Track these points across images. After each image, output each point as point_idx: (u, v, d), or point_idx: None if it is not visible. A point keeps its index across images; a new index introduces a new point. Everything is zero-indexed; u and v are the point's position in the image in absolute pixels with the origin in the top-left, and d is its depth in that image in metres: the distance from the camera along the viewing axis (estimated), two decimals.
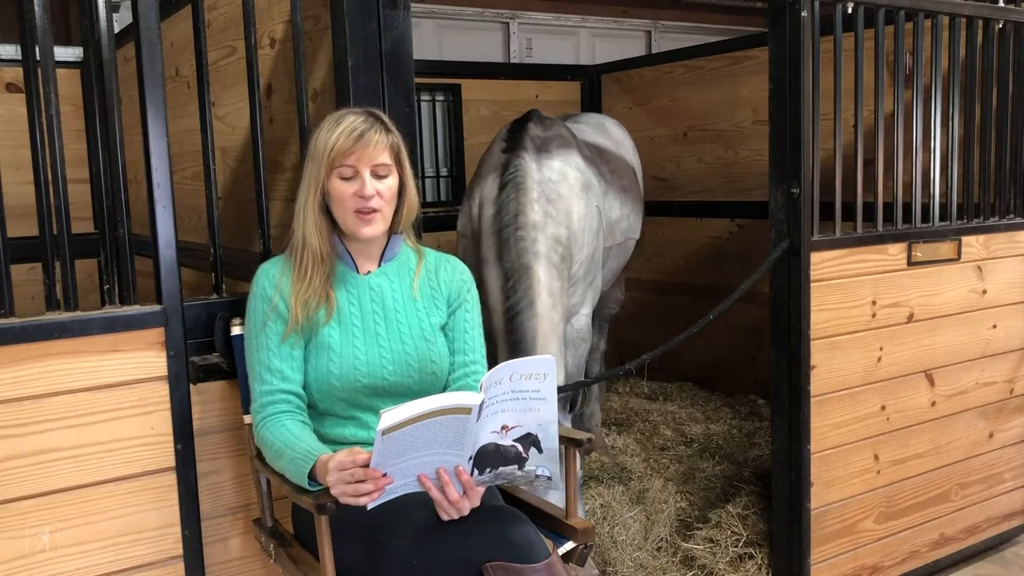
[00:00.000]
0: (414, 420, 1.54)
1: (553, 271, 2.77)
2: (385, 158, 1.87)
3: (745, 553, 3.09)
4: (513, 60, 6.08)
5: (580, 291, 3.02)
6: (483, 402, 1.59)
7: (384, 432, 1.52)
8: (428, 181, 4.91)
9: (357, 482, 1.61)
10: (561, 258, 2.81)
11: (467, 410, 1.58)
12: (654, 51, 6.60)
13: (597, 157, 3.37)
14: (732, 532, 3.18)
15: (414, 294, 1.98)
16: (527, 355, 2.50)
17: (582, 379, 3.11)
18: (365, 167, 1.85)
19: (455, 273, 2.05)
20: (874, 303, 2.96)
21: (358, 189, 1.85)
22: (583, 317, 3.10)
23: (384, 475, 1.60)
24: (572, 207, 2.93)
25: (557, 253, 2.81)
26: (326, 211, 1.90)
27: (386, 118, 1.91)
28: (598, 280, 3.15)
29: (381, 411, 1.53)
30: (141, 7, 1.95)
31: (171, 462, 1.99)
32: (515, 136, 3.08)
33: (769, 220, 2.84)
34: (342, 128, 1.84)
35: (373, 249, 1.97)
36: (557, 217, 2.86)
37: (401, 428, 1.54)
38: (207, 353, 2.07)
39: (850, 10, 2.83)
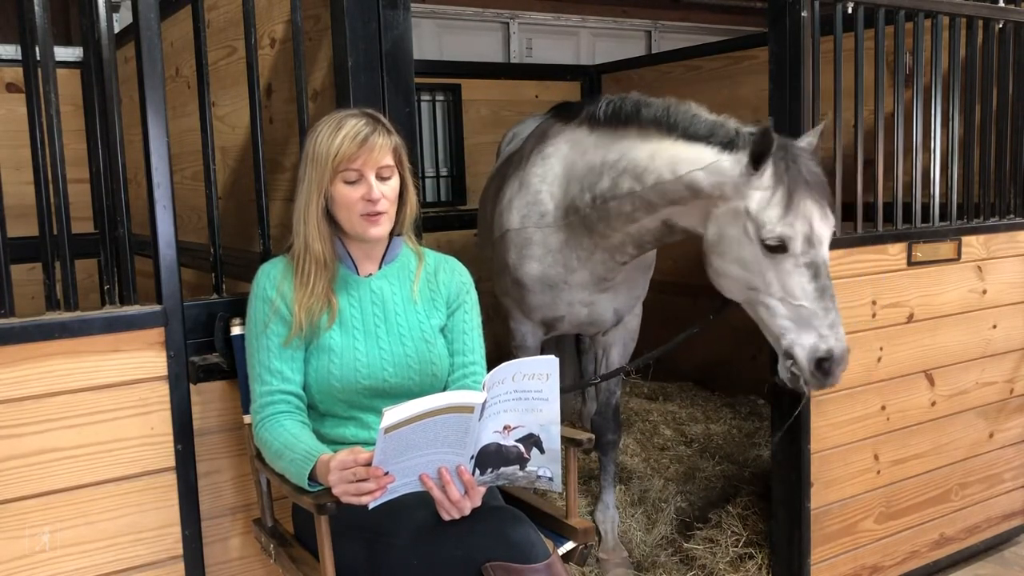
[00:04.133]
0: (417, 418, 1.54)
1: None
2: (388, 160, 1.87)
3: (745, 553, 3.09)
4: (513, 60, 6.08)
5: (644, 283, 3.03)
6: (485, 402, 1.59)
7: (387, 430, 1.52)
8: (428, 181, 4.91)
9: (359, 481, 1.61)
10: None
11: (469, 409, 1.58)
12: (654, 51, 6.60)
13: None
14: (732, 532, 3.18)
15: (414, 297, 1.98)
16: None
17: (583, 380, 3.13)
18: (370, 170, 1.84)
19: (454, 275, 2.05)
20: (874, 303, 2.96)
21: (365, 193, 1.84)
22: (637, 317, 3.12)
23: (386, 474, 1.59)
24: None
25: None
26: (327, 215, 1.90)
27: (385, 119, 1.91)
28: (647, 277, 3.15)
29: (384, 409, 1.53)
30: (141, 7, 1.95)
31: (171, 462, 1.99)
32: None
33: None
34: (345, 132, 1.82)
35: (374, 251, 1.97)
36: None
37: (404, 426, 1.54)
38: (207, 353, 2.07)
39: (850, 10, 2.83)
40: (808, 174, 2.31)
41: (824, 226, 2.32)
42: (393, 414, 1.52)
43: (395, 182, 1.89)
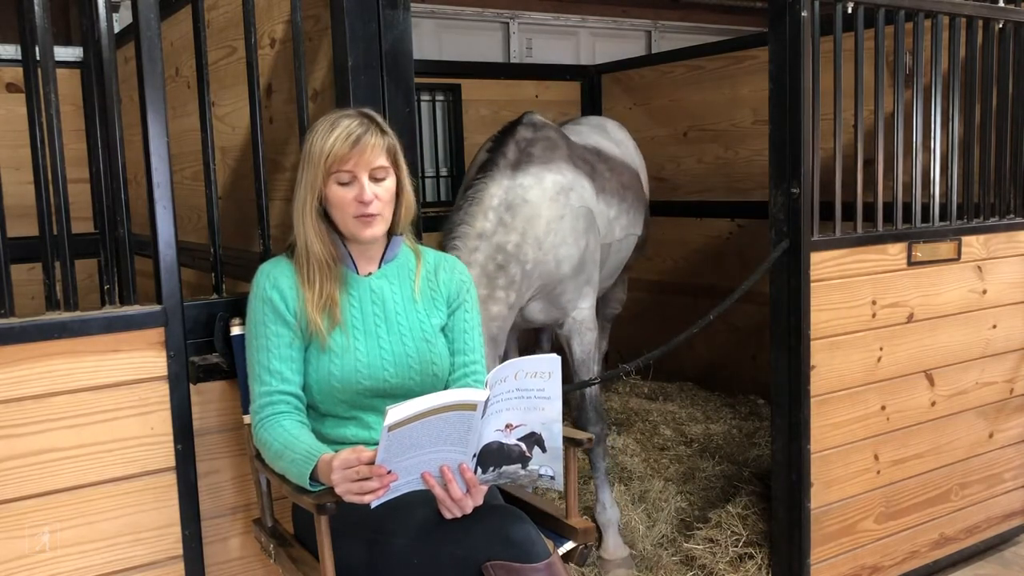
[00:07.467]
0: (420, 416, 1.54)
1: (483, 279, 2.79)
2: (382, 160, 1.86)
3: (745, 553, 3.09)
4: (513, 60, 6.08)
5: (571, 289, 3.07)
6: (488, 399, 1.59)
7: (390, 428, 1.52)
8: (428, 181, 4.92)
9: (362, 480, 1.60)
10: (498, 267, 2.84)
11: (472, 406, 1.58)
12: (654, 51, 6.60)
13: (594, 157, 3.38)
14: (732, 532, 3.18)
15: (415, 296, 1.97)
16: None
17: (588, 373, 3.15)
18: (363, 172, 1.83)
19: (454, 273, 2.05)
20: (874, 303, 2.96)
21: (357, 194, 1.83)
22: (584, 310, 3.15)
23: (389, 472, 1.59)
24: (540, 212, 2.94)
25: (495, 262, 2.84)
26: (323, 215, 1.89)
27: (380, 119, 1.90)
28: (595, 276, 3.17)
29: (387, 407, 1.53)
30: (141, 7, 1.95)
31: (171, 462, 1.99)
32: (501, 138, 3.11)
33: (769, 220, 2.84)
34: (337, 133, 1.82)
35: (374, 251, 1.97)
36: (511, 224, 2.88)
37: (407, 424, 1.54)
38: (207, 353, 2.07)
39: (850, 10, 2.83)
40: None
41: None
42: (397, 412, 1.52)
43: (390, 182, 1.89)
